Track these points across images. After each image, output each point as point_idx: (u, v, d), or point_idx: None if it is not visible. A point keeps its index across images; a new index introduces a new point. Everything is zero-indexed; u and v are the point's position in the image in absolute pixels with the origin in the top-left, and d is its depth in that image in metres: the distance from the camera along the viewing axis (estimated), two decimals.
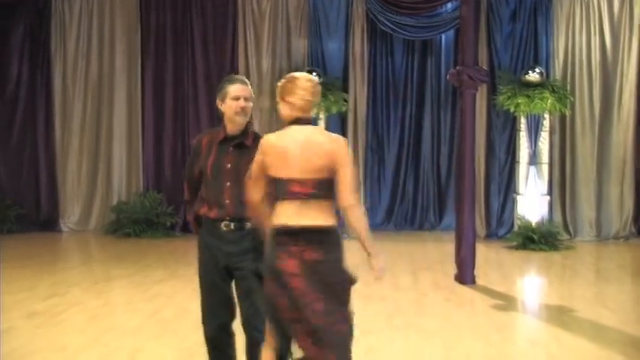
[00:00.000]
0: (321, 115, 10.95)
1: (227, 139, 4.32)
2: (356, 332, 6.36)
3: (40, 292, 7.72)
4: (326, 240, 3.85)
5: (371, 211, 11.82)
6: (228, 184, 4.25)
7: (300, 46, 11.41)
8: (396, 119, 11.92)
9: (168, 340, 6.01)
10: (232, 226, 4.24)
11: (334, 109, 10.89)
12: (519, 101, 10.57)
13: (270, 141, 3.88)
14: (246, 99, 4.30)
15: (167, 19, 11.56)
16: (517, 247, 10.39)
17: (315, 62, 11.26)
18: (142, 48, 11.57)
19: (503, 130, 11.39)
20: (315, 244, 3.78)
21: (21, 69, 11.73)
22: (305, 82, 3.97)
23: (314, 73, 10.82)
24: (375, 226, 11.78)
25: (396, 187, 11.96)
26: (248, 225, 4.20)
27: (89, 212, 11.78)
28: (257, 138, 4.30)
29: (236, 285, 4.34)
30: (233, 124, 4.31)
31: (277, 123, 11.10)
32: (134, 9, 11.57)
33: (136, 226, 11.07)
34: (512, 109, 10.71)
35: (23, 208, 11.62)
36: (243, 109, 4.28)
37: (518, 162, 11.06)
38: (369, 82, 11.52)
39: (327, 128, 11.09)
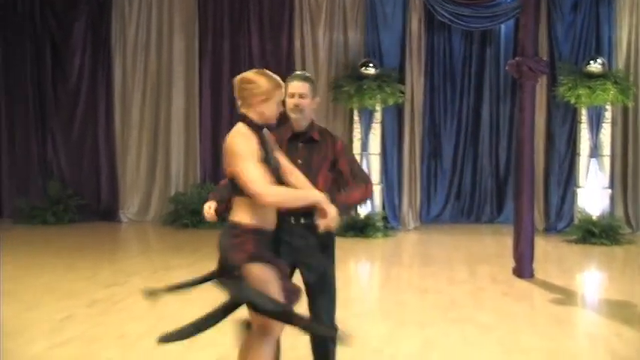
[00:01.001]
0: (378, 107, 10.92)
1: (296, 136, 4.33)
2: (412, 325, 6.38)
3: (101, 281, 7.91)
4: (226, 232, 3.90)
5: (426, 203, 11.81)
6: None
7: (357, 37, 11.39)
8: (454, 110, 11.82)
9: (225, 328, 6.07)
10: (302, 221, 4.24)
11: (390, 101, 10.84)
12: (580, 92, 10.39)
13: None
14: (300, 96, 4.27)
15: (224, 9, 11.64)
16: (577, 241, 10.23)
17: (372, 54, 11.23)
18: (199, 39, 11.68)
19: (564, 122, 11.21)
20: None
21: (83, 61, 11.94)
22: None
23: (370, 65, 10.87)
24: (430, 219, 11.77)
25: (452, 179, 11.88)
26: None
27: (148, 203, 11.96)
28: (323, 132, 4.38)
29: (304, 281, 4.34)
30: (295, 121, 4.32)
31: (334, 115, 11.25)
32: (192, 3, 11.67)
33: (193, 216, 11.18)
34: (572, 101, 10.54)
35: (84, 198, 11.86)
36: (296, 106, 4.26)
37: (579, 154, 10.87)
38: (425, 74, 11.45)
39: (384, 120, 11.14)
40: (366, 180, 4.42)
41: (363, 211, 10.82)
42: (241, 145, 3.77)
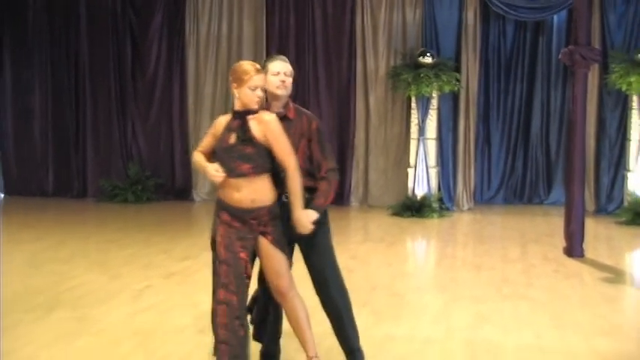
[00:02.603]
0: (434, 95, 10.84)
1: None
2: (466, 300, 6.34)
3: (176, 254, 8.05)
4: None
5: (481, 184, 11.71)
6: None
7: (415, 26, 11.29)
8: (507, 97, 11.63)
9: None
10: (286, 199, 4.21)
11: (447, 89, 10.74)
12: (632, 80, 10.13)
13: None
14: (284, 74, 4.29)
15: (290, 5, 11.64)
16: (626, 223, 9.99)
17: (429, 44, 11.12)
18: (266, 32, 11.71)
19: (615, 108, 10.95)
20: None
21: (159, 52, 12.08)
22: None
23: (428, 54, 10.77)
24: (485, 200, 11.67)
25: (505, 162, 11.72)
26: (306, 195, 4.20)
27: None
28: (299, 111, 4.36)
29: (303, 256, 4.38)
30: (276, 100, 4.30)
31: (393, 102, 11.20)
32: None
33: None
34: (624, 88, 10.28)
35: (160, 178, 12.03)
36: (282, 82, 4.27)
37: (629, 140, 10.62)
38: (480, 62, 11.28)
39: (440, 106, 11.08)
40: (322, 161, 4.32)
41: (420, 192, 10.79)
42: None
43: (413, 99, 10.93)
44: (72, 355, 4.89)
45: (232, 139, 4.07)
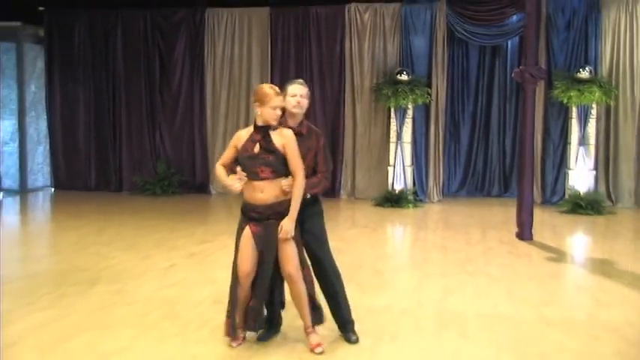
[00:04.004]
0: (410, 106, 10.82)
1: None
2: (435, 276, 6.34)
3: (196, 238, 8.03)
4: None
5: (448, 180, 11.71)
6: None
7: (394, 50, 11.27)
8: (470, 108, 11.67)
9: None
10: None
11: (420, 101, 10.73)
12: (571, 94, 10.15)
13: None
14: (301, 96, 4.25)
15: (291, 27, 11.56)
16: (567, 212, 10.02)
17: (405, 63, 11.10)
18: (271, 55, 11.67)
19: (558, 118, 10.95)
20: None
21: (183, 71, 12.03)
22: None
23: (404, 72, 10.75)
24: (451, 193, 11.67)
25: (468, 162, 11.74)
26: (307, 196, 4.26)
27: None
28: (311, 129, 4.35)
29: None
30: (292, 117, 4.27)
31: (375, 112, 11.19)
32: (265, 25, 11.64)
33: None
34: (565, 101, 10.30)
35: (183, 175, 12.00)
36: (298, 103, 4.25)
37: (570, 143, 10.64)
38: (448, 79, 11.27)
39: (414, 116, 11.06)
40: (322, 170, 4.35)
41: (398, 187, 10.79)
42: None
43: (392, 109, 10.92)
44: (111, 321, 4.88)
45: (256, 148, 4.10)
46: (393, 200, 10.56)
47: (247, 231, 4.17)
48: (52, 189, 12.47)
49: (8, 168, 12.24)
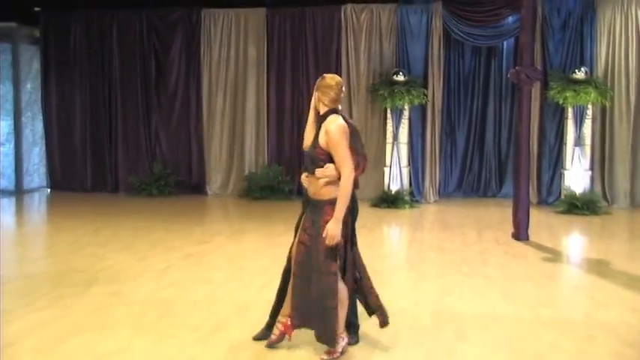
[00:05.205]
0: (406, 106, 10.84)
1: None
2: (432, 276, 6.36)
3: (193, 239, 8.01)
4: None
5: (444, 181, 11.73)
6: None
7: (390, 51, 11.29)
8: (466, 109, 11.68)
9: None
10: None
11: (416, 102, 10.74)
12: (567, 95, 10.17)
13: (346, 125, 4.11)
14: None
15: (287, 28, 11.55)
16: (563, 212, 10.05)
17: (401, 64, 11.11)
18: (267, 55, 11.65)
19: (554, 118, 10.97)
20: None
21: (179, 71, 12.00)
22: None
23: (400, 73, 10.77)
24: (447, 193, 11.68)
25: (464, 162, 11.74)
26: None
27: (228, 180, 12.03)
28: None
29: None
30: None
31: (371, 113, 11.20)
32: (262, 25, 11.63)
33: (262, 191, 11.26)
34: (561, 102, 10.32)
35: (179, 176, 11.95)
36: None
37: (565, 144, 10.66)
38: (444, 80, 11.28)
39: (410, 116, 11.06)
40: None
41: (394, 187, 10.81)
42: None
43: (388, 110, 10.92)
44: (108, 322, 4.88)
45: (311, 142, 4.13)
46: (389, 201, 10.58)
47: None
48: (48, 190, 12.44)
49: (4, 169, 12.21)
